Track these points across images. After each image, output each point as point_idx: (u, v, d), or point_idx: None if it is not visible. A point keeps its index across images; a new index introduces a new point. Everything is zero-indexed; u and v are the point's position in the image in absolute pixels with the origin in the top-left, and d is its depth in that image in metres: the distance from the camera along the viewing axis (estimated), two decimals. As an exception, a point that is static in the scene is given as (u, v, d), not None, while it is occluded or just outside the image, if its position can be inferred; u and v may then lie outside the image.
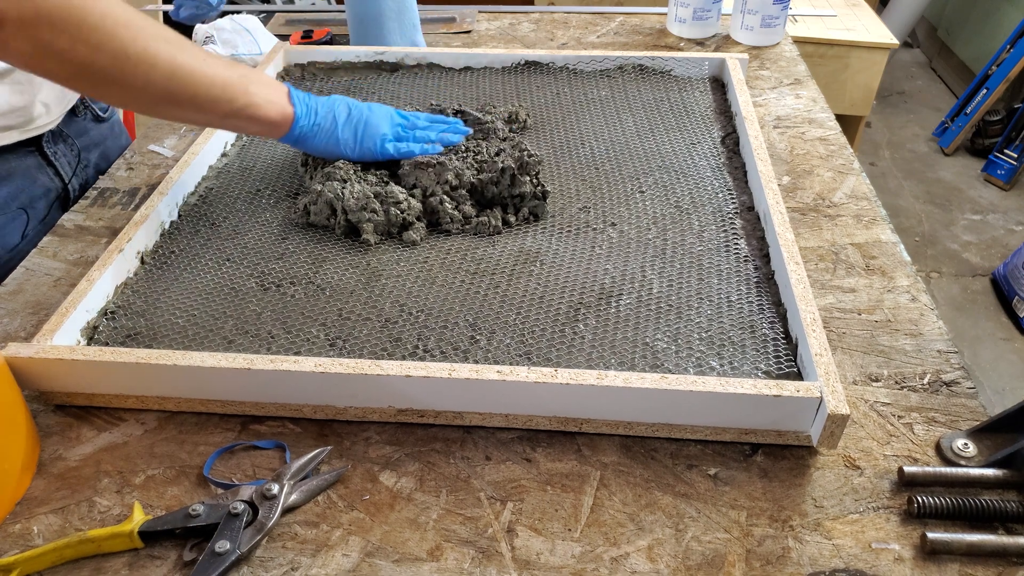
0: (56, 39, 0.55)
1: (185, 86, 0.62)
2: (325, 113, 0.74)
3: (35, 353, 0.57)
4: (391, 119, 0.78)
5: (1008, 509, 0.50)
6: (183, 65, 0.61)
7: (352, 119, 0.75)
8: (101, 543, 0.49)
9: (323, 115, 0.74)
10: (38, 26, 0.54)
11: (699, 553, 0.50)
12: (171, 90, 0.62)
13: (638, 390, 0.54)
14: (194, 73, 0.62)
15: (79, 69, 0.57)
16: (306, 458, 0.55)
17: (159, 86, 0.61)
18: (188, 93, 0.63)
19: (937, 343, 0.64)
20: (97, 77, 0.58)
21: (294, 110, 0.72)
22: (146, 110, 0.65)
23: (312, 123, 0.73)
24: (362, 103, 0.78)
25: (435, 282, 0.68)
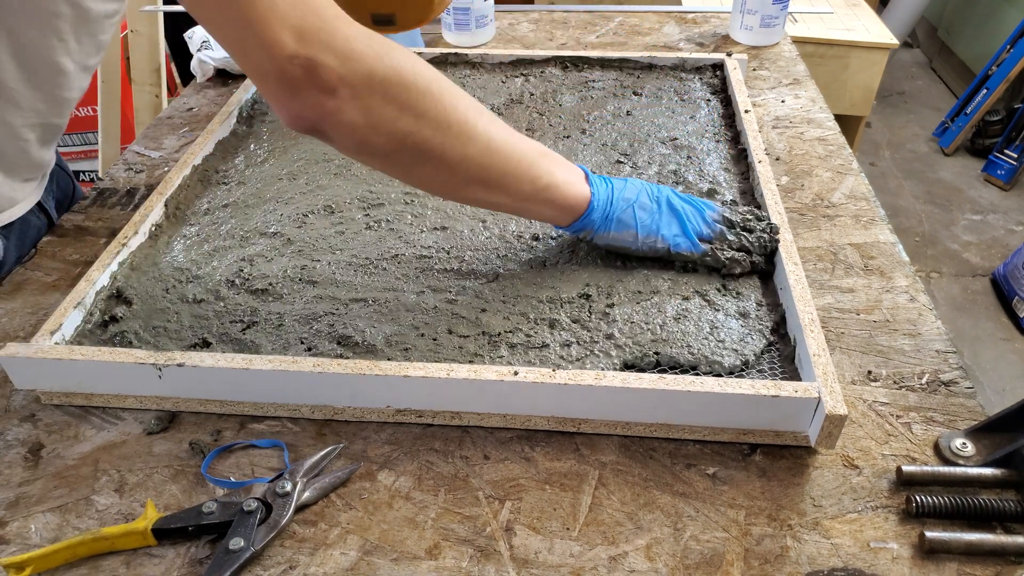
0: (386, 107, 0.50)
1: (498, 162, 0.57)
2: (629, 196, 0.66)
3: (34, 353, 0.58)
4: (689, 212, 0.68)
5: (1006, 508, 0.50)
6: (496, 138, 0.57)
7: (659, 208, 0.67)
8: (115, 540, 0.50)
9: (624, 199, 0.66)
10: (371, 92, 0.49)
11: (697, 552, 0.50)
12: (485, 166, 0.56)
13: (636, 390, 0.54)
14: (506, 147, 0.57)
15: (401, 143, 0.52)
16: (318, 456, 0.55)
17: (474, 161, 0.56)
18: (499, 170, 0.57)
19: (936, 343, 0.64)
20: (416, 152, 0.53)
21: (590, 194, 0.64)
22: (451, 192, 0.60)
23: (608, 210, 0.65)
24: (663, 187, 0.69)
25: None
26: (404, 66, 0.51)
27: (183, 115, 1.03)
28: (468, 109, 0.55)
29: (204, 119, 1.01)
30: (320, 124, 0.50)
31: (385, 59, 0.50)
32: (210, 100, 1.06)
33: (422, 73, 0.52)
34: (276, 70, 0.47)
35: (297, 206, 0.79)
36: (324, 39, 0.47)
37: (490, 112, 0.57)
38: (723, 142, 0.87)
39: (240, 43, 0.47)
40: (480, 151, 0.56)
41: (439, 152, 0.54)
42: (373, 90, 0.49)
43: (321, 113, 0.49)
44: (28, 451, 0.57)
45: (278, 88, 0.48)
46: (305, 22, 0.47)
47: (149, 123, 1.03)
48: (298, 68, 0.47)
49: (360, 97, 0.49)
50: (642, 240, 0.66)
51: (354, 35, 0.49)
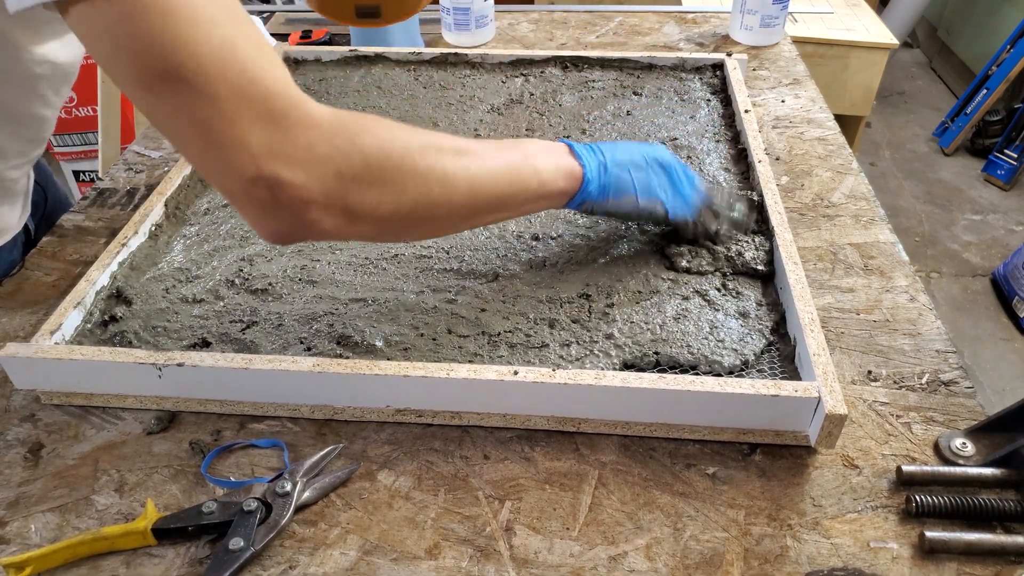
0: (364, 197, 0.48)
1: (484, 194, 0.56)
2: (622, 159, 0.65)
3: (34, 353, 0.58)
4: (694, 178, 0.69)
5: (1006, 508, 0.50)
6: (476, 175, 0.55)
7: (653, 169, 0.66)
8: (115, 540, 0.50)
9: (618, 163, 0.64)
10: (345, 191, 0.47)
11: (697, 552, 0.50)
12: (472, 204, 0.55)
13: (636, 390, 0.54)
14: (488, 177, 0.56)
15: (387, 222, 0.51)
16: (317, 456, 0.55)
17: (461, 205, 0.54)
18: (490, 200, 0.56)
19: (935, 343, 0.64)
20: (404, 221, 0.51)
21: (582, 169, 0.62)
22: (452, 230, 0.59)
23: (604, 177, 0.63)
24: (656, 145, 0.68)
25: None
26: (371, 149, 0.48)
27: (183, 115, 1.03)
28: (442, 158, 0.52)
29: (204, 119, 1.01)
30: (301, 234, 0.48)
31: (350, 151, 0.47)
32: (210, 100, 1.06)
33: (389, 145, 0.49)
34: (244, 192, 0.45)
35: (297, 206, 0.79)
36: (287, 152, 0.44)
37: (462, 142, 0.55)
38: (723, 142, 0.87)
39: (203, 164, 0.45)
40: (466, 193, 0.54)
41: (427, 213, 0.52)
42: (348, 189, 0.47)
43: (299, 227, 0.47)
44: (28, 451, 0.57)
45: (250, 209, 0.46)
46: (261, 139, 0.44)
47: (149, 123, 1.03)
48: (264, 190, 0.44)
49: (334, 203, 0.47)
50: (643, 203, 0.65)
51: (315, 138, 0.46)
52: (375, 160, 0.48)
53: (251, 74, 0.43)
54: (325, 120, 0.46)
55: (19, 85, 0.68)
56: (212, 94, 0.42)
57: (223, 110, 0.42)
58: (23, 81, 0.68)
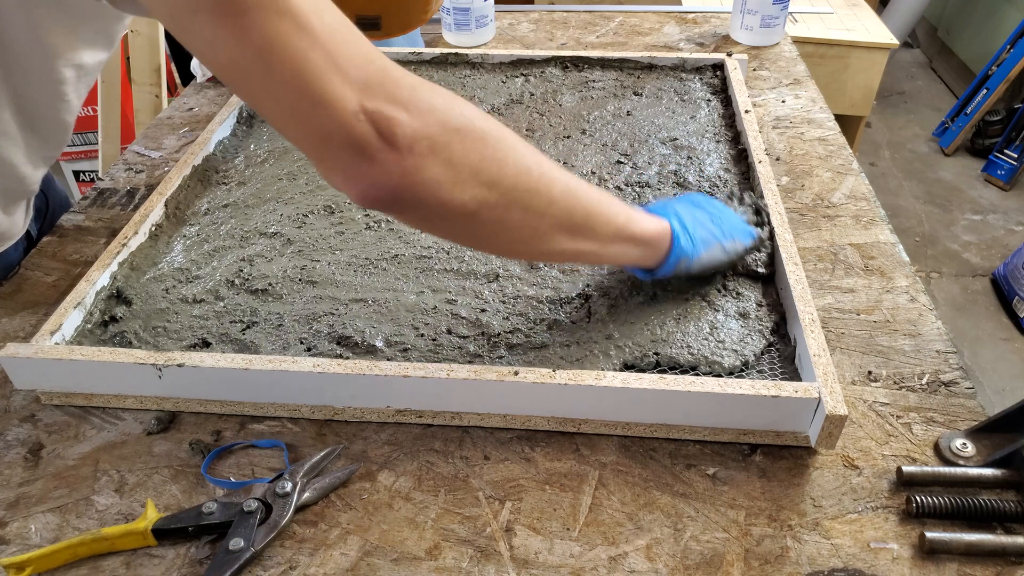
0: (467, 157, 0.45)
1: (580, 202, 0.52)
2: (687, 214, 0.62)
3: (34, 353, 0.58)
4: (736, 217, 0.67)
5: (1006, 509, 0.50)
6: (571, 179, 0.52)
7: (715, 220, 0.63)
8: (115, 541, 0.50)
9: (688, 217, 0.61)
10: (449, 144, 0.44)
11: (697, 553, 0.49)
12: (569, 209, 0.51)
13: (636, 390, 0.54)
14: (580, 187, 0.53)
15: (486, 196, 0.46)
16: (318, 456, 0.55)
17: (559, 206, 0.51)
18: (583, 211, 0.52)
19: (936, 343, 0.64)
20: (504, 201, 0.48)
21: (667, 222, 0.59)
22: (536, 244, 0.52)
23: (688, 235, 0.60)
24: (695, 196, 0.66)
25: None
26: (474, 114, 0.47)
27: (183, 115, 1.03)
28: (537, 153, 0.50)
29: (204, 119, 1.01)
30: (400, 189, 0.43)
31: (455, 108, 0.45)
32: (210, 100, 1.06)
33: (490, 120, 0.48)
34: (343, 132, 0.41)
35: (297, 206, 0.79)
36: (391, 90, 0.42)
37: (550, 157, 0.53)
38: (723, 142, 0.87)
39: (295, 107, 0.41)
40: (562, 194, 0.51)
41: (525, 199, 0.49)
42: (452, 139, 0.44)
43: (400, 174, 0.43)
44: (28, 451, 0.57)
45: (345, 154, 0.42)
46: (368, 73, 0.41)
47: (149, 123, 1.03)
48: (366, 125, 0.41)
49: (439, 151, 0.44)
50: (728, 247, 0.63)
51: (418, 83, 0.44)
52: (478, 123, 0.46)
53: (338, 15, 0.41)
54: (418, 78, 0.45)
55: (49, 91, 0.68)
56: (304, 22, 0.39)
57: (320, 42, 0.40)
58: (53, 87, 0.67)
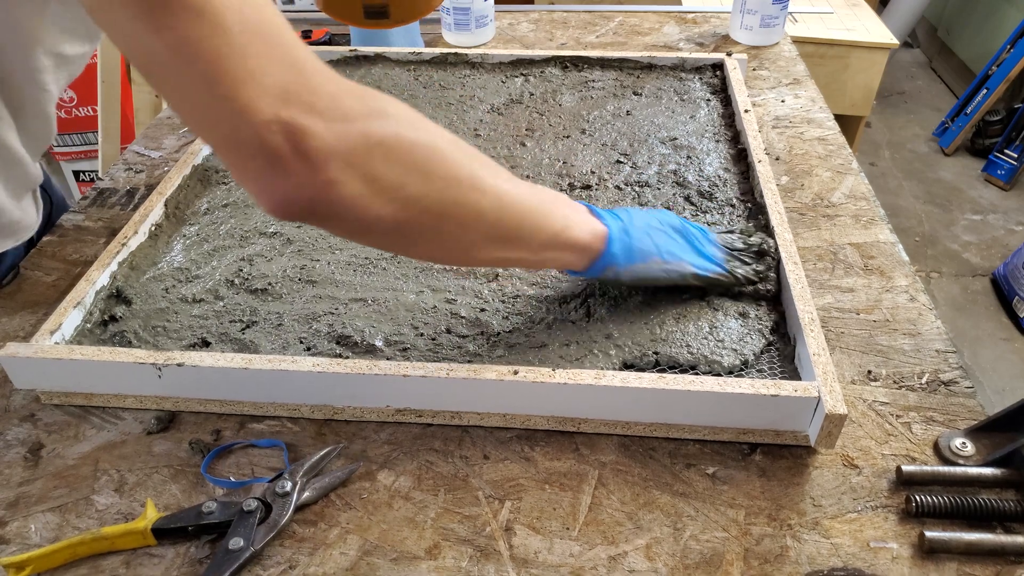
0: (389, 170, 0.42)
1: (512, 214, 0.51)
2: (640, 224, 0.60)
3: (34, 353, 0.58)
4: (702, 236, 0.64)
5: (1006, 508, 0.50)
6: (506, 191, 0.50)
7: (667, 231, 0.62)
8: (115, 540, 0.50)
9: (638, 227, 0.60)
10: (370, 156, 0.41)
11: (697, 552, 0.49)
12: (499, 220, 0.50)
13: (636, 390, 0.54)
14: (516, 196, 0.51)
15: (410, 209, 0.45)
16: (317, 456, 0.55)
17: (488, 218, 0.49)
18: (515, 222, 0.51)
19: (935, 343, 0.64)
20: (427, 216, 0.46)
21: (606, 228, 0.58)
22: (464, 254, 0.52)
23: (628, 242, 0.59)
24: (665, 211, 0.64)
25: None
26: (402, 122, 0.44)
27: (183, 115, 1.03)
28: (473, 161, 0.49)
29: (204, 119, 1.01)
30: (314, 203, 0.41)
31: (380, 116, 0.43)
32: (210, 100, 1.06)
33: (423, 127, 0.46)
34: (254, 141, 0.38)
35: (297, 206, 0.79)
36: (307, 99, 0.39)
37: (492, 162, 0.52)
38: (723, 142, 0.87)
39: (206, 109, 0.39)
40: (493, 204, 0.49)
41: (452, 211, 0.47)
42: (372, 154, 0.42)
43: (314, 188, 0.40)
44: (28, 451, 0.57)
45: (258, 165, 0.39)
46: (284, 80, 0.39)
47: (149, 123, 1.03)
48: (281, 136, 0.38)
49: (357, 164, 0.41)
50: (668, 266, 0.61)
51: (340, 91, 0.41)
52: (405, 132, 0.44)
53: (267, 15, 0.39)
54: (347, 80, 0.43)
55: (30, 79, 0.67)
56: (222, 24, 0.37)
57: (234, 42, 0.37)
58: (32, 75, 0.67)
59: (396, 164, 0.43)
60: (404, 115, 0.45)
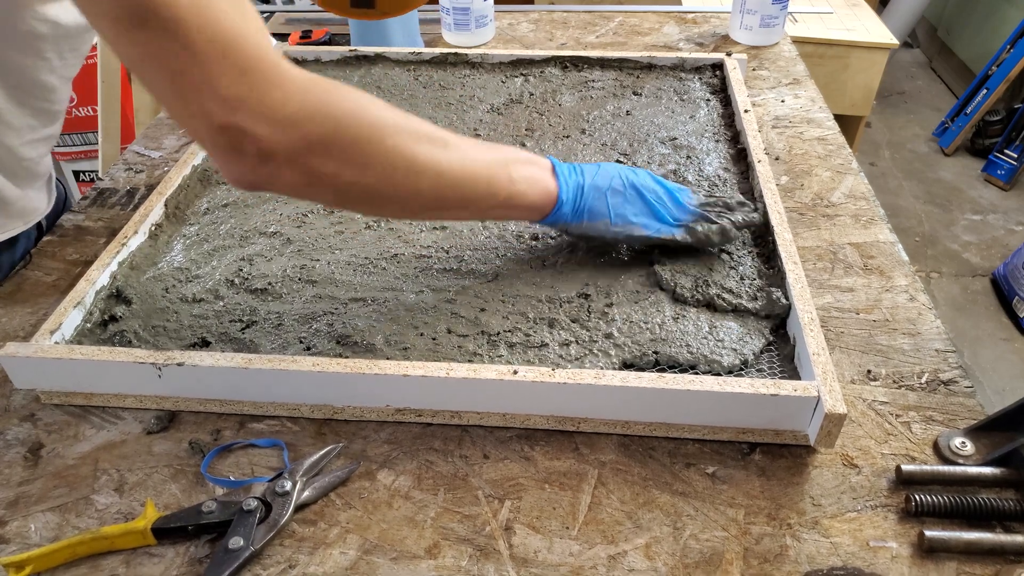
0: (326, 164, 0.49)
1: (451, 187, 0.56)
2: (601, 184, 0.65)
3: (33, 352, 0.58)
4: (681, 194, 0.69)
5: (1006, 507, 0.50)
6: (447, 169, 0.55)
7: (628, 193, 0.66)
8: (114, 540, 0.50)
9: (595, 187, 0.65)
10: (308, 154, 0.48)
11: (697, 551, 0.50)
12: (438, 195, 0.56)
13: (635, 389, 0.54)
14: (460, 172, 0.57)
15: (346, 193, 0.52)
16: (317, 455, 0.55)
17: (426, 195, 0.55)
18: (455, 196, 0.57)
19: (935, 342, 0.64)
20: (364, 196, 0.53)
21: (557, 189, 0.63)
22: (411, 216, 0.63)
23: (579, 201, 0.64)
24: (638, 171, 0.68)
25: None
26: (342, 117, 0.49)
27: (183, 115, 1.03)
28: (416, 143, 0.53)
29: (204, 119, 1.01)
30: (260, 185, 0.50)
31: (320, 116, 0.48)
32: (210, 100, 1.06)
33: (362, 118, 0.51)
34: (210, 138, 0.47)
35: (296, 206, 0.79)
36: (253, 107, 0.46)
37: (442, 134, 0.56)
38: (723, 142, 0.87)
39: (174, 108, 0.47)
40: (431, 184, 0.55)
41: (389, 193, 0.54)
42: (311, 151, 0.48)
43: (258, 177, 0.49)
44: (28, 451, 0.57)
45: (215, 153, 0.48)
46: (233, 90, 0.45)
47: (149, 123, 1.03)
48: (229, 139, 0.46)
49: (296, 161, 0.48)
50: (616, 229, 0.65)
51: (287, 96, 0.47)
52: (345, 127, 0.50)
53: (227, 27, 0.44)
54: (299, 80, 0.48)
55: (22, 45, 0.68)
56: (186, 43, 0.43)
57: (196, 60, 0.44)
58: (26, 41, 0.68)
59: (332, 159, 0.50)
60: (346, 109, 0.50)
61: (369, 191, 0.53)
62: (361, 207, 0.58)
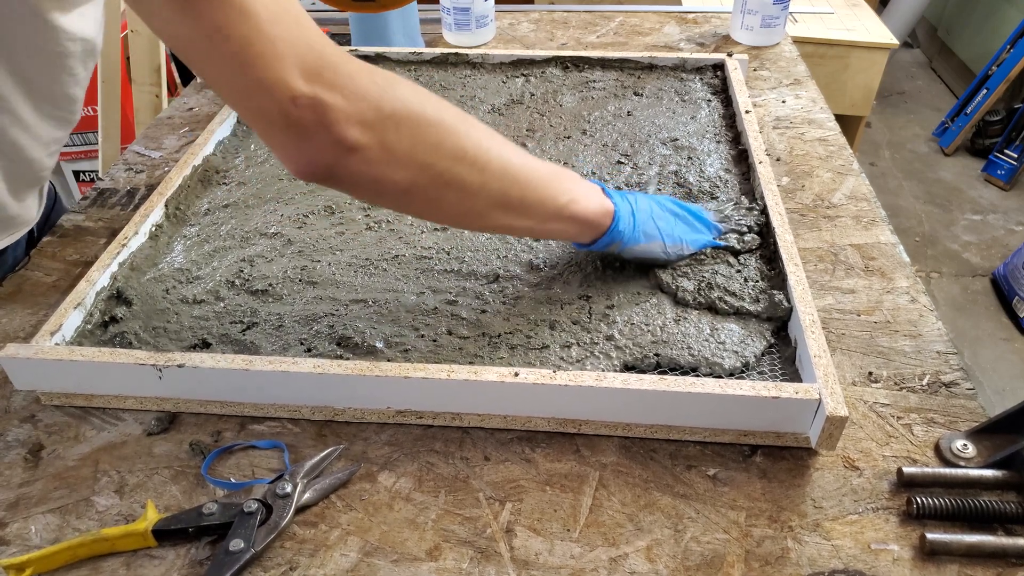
0: (401, 140, 0.48)
1: (516, 183, 0.55)
2: (644, 208, 0.65)
3: (34, 354, 0.57)
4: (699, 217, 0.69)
5: (1007, 510, 0.50)
6: (511, 161, 0.55)
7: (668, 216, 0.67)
8: (115, 542, 0.49)
9: (643, 210, 0.65)
10: (384, 127, 0.47)
11: (698, 554, 0.49)
12: (504, 190, 0.55)
13: (637, 391, 0.54)
14: (523, 169, 0.56)
15: (418, 176, 0.50)
16: (318, 457, 0.55)
17: (493, 187, 0.54)
18: (518, 193, 0.56)
19: (936, 344, 0.64)
20: (435, 183, 0.51)
21: (614, 205, 0.62)
22: (474, 219, 0.58)
23: (633, 223, 0.63)
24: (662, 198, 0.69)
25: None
26: (411, 98, 0.49)
27: (183, 115, 1.03)
28: (480, 136, 0.53)
29: (204, 119, 1.01)
30: (335, 168, 0.48)
31: (391, 92, 0.48)
32: (210, 100, 1.06)
33: (430, 103, 0.51)
34: (281, 114, 0.45)
35: (297, 207, 0.79)
36: (328, 77, 0.45)
37: (502, 137, 0.56)
38: (724, 143, 0.87)
39: (238, 86, 0.45)
40: (497, 176, 0.54)
41: (458, 181, 0.52)
42: (385, 125, 0.47)
43: (335, 155, 0.47)
44: (28, 452, 0.57)
45: (285, 134, 0.46)
46: (307, 60, 0.44)
47: (149, 123, 1.03)
48: (305, 110, 0.44)
49: (373, 133, 0.47)
50: (670, 248, 0.66)
51: (356, 71, 0.47)
52: (414, 107, 0.49)
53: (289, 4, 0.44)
54: (359, 61, 0.48)
55: (52, 63, 0.68)
56: (249, 10, 0.42)
57: (261, 27, 0.43)
58: (56, 59, 0.68)
59: (407, 135, 0.49)
60: (414, 93, 0.50)
61: (441, 176, 0.51)
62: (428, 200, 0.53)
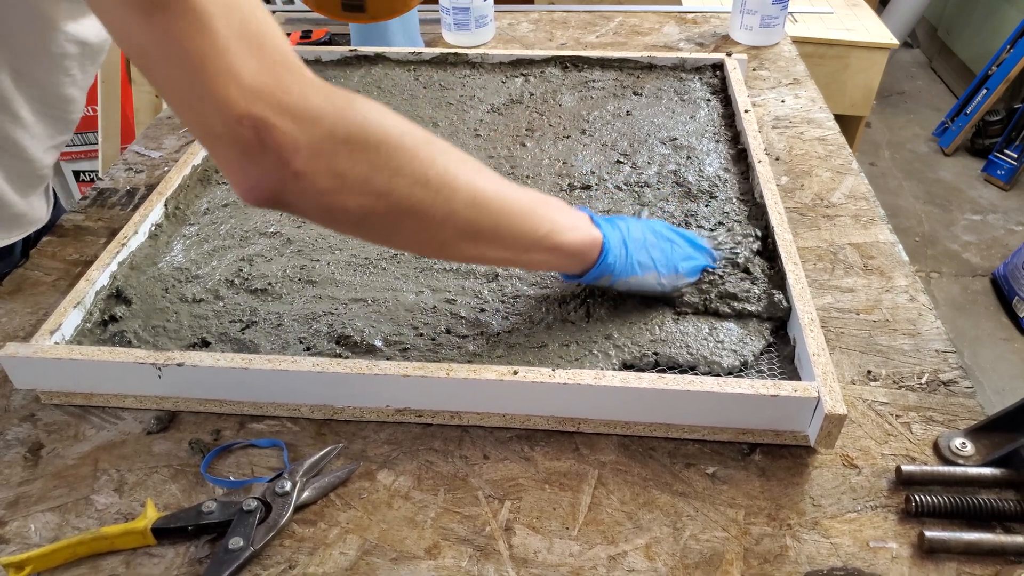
0: (355, 166, 0.44)
1: (488, 214, 0.51)
2: (638, 237, 0.61)
3: (34, 353, 0.58)
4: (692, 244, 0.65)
5: (1006, 508, 0.50)
6: (483, 188, 0.51)
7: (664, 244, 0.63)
8: (115, 540, 0.50)
9: (636, 240, 0.61)
10: (335, 152, 0.44)
11: (697, 552, 0.50)
12: (473, 219, 0.50)
13: (635, 390, 0.54)
14: (496, 197, 0.52)
15: (375, 204, 0.46)
16: (317, 456, 0.55)
17: (460, 216, 0.50)
18: (491, 223, 0.52)
19: (935, 343, 0.64)
20: (394, 212, 0.47)
21: (602, 235, 0.59)
22: (440, 250, 0.53)
23: (625, 254, 0.60)
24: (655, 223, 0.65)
25: (433, 281, 0.68)
26: (371, 120, 0.45)
27: (183, 115, 1.03)
28: (448, 161, 0.49)
29: (204, 119, 1.01)
30: (281, 193, 0.44)
31: (348, 113, 0.44)
32: (210, 100, 1.06)
33: (392, 126, 0.47)
34: (227, 133, 0.42)
35: (297, 206, 0.79)
36: (277, 97, 0.42)
37: (475, 161, 0.52)
38: (723, 142, 0.87)
39: (187, 100, 0.42)
40: (466, 204, 0.50)
41: (420, 209, 0.48)
42: (337, 150, 0.44)
43: (280, 180, 0.43)
44: (28, 451, 0.57)
45: (230, 153, 0.43)
46: (259, 80, 0.41)
47: (149, 123, 1.03)
48: (249, 131, 0.41)
49: (323, 158, 0.43)
50: (665, 279, 0.62)
51: (311, 91, 0.43)
52: (373, 130, 0.45)
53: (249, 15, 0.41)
54: (320, 81, 0.45)
55: (51, 64, 0.68)
56: (208, 25, 0.40)
57: (217, 43, 0.40)
58: (55, 60, 0.68)
59: (362, 160, 0.45)
60: (373, 113, 0.46)
61: (402, 203, 0.47)
62: (390, 227, 0.49)
